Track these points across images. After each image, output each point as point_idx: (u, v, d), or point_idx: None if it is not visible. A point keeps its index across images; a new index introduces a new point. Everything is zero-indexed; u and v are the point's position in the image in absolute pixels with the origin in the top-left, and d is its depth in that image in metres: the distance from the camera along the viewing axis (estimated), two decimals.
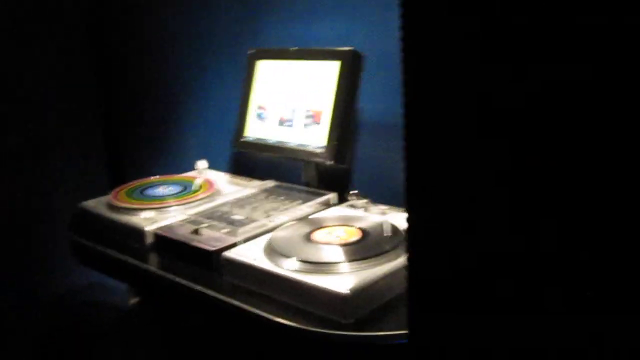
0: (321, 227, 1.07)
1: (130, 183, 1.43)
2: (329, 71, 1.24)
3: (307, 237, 1.03)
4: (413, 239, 0.57)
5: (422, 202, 0.56)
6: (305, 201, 1.22)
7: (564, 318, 0.48)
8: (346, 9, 1.31)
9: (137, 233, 1.18)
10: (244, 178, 1.47)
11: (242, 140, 1.40)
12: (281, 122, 1.33)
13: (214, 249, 1.04)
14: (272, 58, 1.38)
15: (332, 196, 1.25)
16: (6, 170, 1.81)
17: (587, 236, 0.46)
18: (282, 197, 1.26)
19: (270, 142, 1.34)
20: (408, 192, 0.56)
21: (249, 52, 1.43)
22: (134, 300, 1.97)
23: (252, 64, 1.41)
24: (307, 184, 1.34)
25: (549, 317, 0.49)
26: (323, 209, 1.21)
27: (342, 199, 1.25)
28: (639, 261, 0.44)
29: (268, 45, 1.47)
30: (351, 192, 1.22)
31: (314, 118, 1.27)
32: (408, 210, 0.57)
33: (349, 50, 1.22)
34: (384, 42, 1.25)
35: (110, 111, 2.03)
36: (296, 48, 1.33)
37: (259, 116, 1.38)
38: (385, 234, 1.02)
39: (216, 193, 1.33)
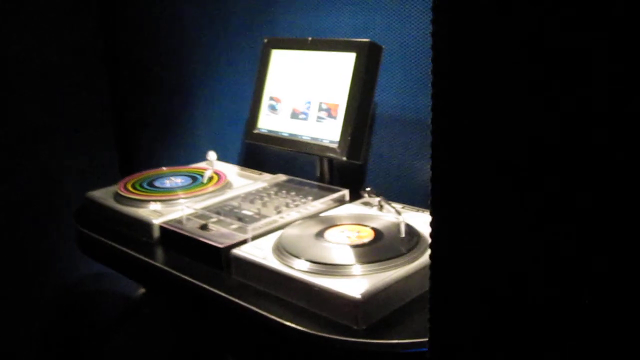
0: (333, 226, 1.03)
1: (139, 173, 1.39)
2: (345, 63, 1.20)
3: (319, 237, 0.99)
4: (437, 242, 0.53)
5: (448, 204, 0.52)
6: (317, 197, 1.18)
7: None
8: None
9: (143, 226, 1.14)
10: (254, 171, 1.43)
11: (254, 132, 1.36)
12: (295, 115, 1.29)
13: (222, 245, 1.00)
14: (288, 48, 1.34)
15: (345, 193, 1.21)
16: (16, 159, 1.79)
17: (608, 242, 0.43)
18: (294, 193, 1.22)
19: (284, 135, 1.30)
20: (434, 195, 0.52)
21: (263, 41, 1.38)
22: (142, 290, 1.95)
23: (267, 53, 1.37)
24: (320, 179, 1.30)
25: (570, 318, 0.46)
26: (336, 206, 1.17)
27: (355, 196, 1.21)
28: None
29: (284, 35, 1.43)
30: (365, 189, 1.18)
31: (330, 112, 1.22)
32: (433, 213, 0.53)
33: (367, 41, 1.17)
34: (403, 33, 1.21)
35: (120, 100, 2.01)
36: (313, 38, 1.29)
37: (272, 108, 1.34)
38: (400, 235, 0.97)
39: (226, 186, 1.30)
